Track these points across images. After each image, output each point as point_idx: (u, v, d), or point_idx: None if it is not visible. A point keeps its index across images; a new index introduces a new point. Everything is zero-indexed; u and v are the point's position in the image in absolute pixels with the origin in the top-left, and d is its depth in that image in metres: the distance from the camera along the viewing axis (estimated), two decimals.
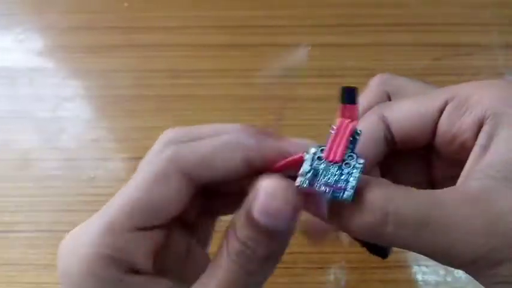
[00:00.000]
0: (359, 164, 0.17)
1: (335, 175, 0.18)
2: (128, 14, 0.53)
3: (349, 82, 0.50)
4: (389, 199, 0.17)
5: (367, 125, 0.22)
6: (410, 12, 0.52)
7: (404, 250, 0.38)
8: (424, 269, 0.37)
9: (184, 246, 0.23)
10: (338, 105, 0.19)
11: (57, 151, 0.45)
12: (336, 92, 0.49)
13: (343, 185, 0.17)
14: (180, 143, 0.21)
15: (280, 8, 0.52)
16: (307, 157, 0.18)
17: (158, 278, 0.20)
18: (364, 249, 0.24)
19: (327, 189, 0.17)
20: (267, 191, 0.18)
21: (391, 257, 0.39)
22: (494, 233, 0.17)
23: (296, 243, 0.38)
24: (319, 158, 0.18)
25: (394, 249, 0.38)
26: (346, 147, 0.18)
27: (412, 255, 0.38)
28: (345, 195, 0.17)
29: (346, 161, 0.18)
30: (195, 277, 0.20)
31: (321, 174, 0.18)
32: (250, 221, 0.18)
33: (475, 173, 0.19)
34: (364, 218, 0.17)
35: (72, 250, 0.20)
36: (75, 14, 0.53)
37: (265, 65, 0.49)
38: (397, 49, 0.49)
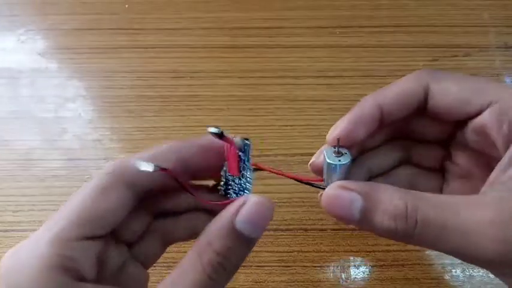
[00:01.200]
0: (250, 176, 0.23)
1: (239, 184, 0.23)
2: (129, 16, 0.53)
3: (348, 83, 0.51)
4: (417, 208, 0.20)
5: (361, 107, 0.25)
6: (409, 14, 0.52)
7: (401, 250, 0.38)
8: (421, 267, 0.38)
9: (120, 261, 0.24)
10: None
11: (59, 151, 0.45)
12: (335, 92, 0.49)
13: (243, 192, 0.23)
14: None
15: (280, 10, 0.53)
16: (222, 172, 0.24)
17: (104, 286, 0.21)
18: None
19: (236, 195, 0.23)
20: (256, 203, 0.21)
21: (388, 256, 0.39)
22: (506, 241, 0.19)
23: (295, 243, 0.39)
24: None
25: (391, 248, 0.39)
26: (238, 163, 0.23)
27: (409, 255, 0.38)
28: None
29: (242, 172, 0.23)
30: None
31: (231, 185, 0.24)
32: (231, 231, 0.20)
33: (496, 184, 0.21)
34: (397, 225, 0.20)
35: (20, 265, 0.20)
36: (77, 16, 0.53)
37: (265, 66, 0.49)
38: (396, 50, 0.50)
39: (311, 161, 0.26)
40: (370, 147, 0.27)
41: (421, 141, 0.27)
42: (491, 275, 0.37)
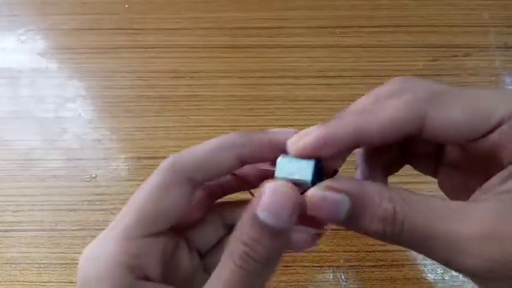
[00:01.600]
0: None
1: None
2: (129, 16, 0.53)
3: (348, 83, 0.51)
4: (405, 214, 0.19)
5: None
6: (409, 14, 0.52)
7: (400, 249, 0.38)
8: (421, 267, 0.38)
9: (191, 267, 0.25)
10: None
11: (59, 151, 0.45)
12: (335, 92, 0.49)
13: None
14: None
15: (280, 9, 0.53)
16: None
17: (166, 286, 0.22)
18: None
19: None
20: (270, 190, 0.19)
21: (388, 256, 0.39)
22: (491, 259, 0.18)
23: None
24: None
25: (391, 248, 0.39)
26: None
27: (409, 255, 0.38)
28: None
29: None
30: None
31: None
32: (254, 221, 0.19)
33: (491, 193, 0.20)
34: (385, 229, 0.19)
35: (92, 261, 0.22)
36: (77, 16, 0.53)
37: (265, 66, 0.49)
38: (396, 50, 0.50)
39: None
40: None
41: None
42: None
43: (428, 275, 0.38)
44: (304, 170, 0.21)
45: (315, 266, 0.38)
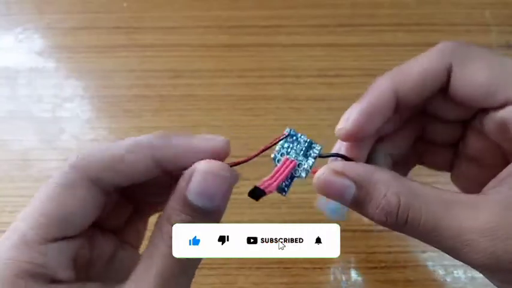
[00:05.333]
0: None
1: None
2: (127, 14, 0.53)
3: (349, 82, 0.51)
4: (409, 206, 0.19)
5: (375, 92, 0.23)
6: (410, 13, 0.52)
7: (402, 251, 0.38)
8: (422, 269, 0.37)
9: (109, 249, 0.23)
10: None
11: (56, 151, 0.45)
12: (335, 91, 0.49)
13: None
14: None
15: (280, 8, 0.52)
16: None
17: (82, 283, 0.20)
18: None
19: None
20: (204, 171, 0.19)
21: (389, 258, 0.39)
22: (494, 252, 0.18)
23: None
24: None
25: (392, 250, 0.38)
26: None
27: (411, 256, 0.38)
28: None
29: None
30: (125, 275, 0.20)
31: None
32: (184, 203, 0.19)
33: (504, 184, 0.20)
34: (387, 220, 0.20)
35: None
36: (75, 14, 0.53)
37: (264, 65, 0.49)
38: (397, 49, 0.49)
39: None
40: (386, 133, 0.25)
41: (437, 118, 0.26)
42: None
43: (430, 276, 0.37)
44: None
45: (315, 268, 0.37)
